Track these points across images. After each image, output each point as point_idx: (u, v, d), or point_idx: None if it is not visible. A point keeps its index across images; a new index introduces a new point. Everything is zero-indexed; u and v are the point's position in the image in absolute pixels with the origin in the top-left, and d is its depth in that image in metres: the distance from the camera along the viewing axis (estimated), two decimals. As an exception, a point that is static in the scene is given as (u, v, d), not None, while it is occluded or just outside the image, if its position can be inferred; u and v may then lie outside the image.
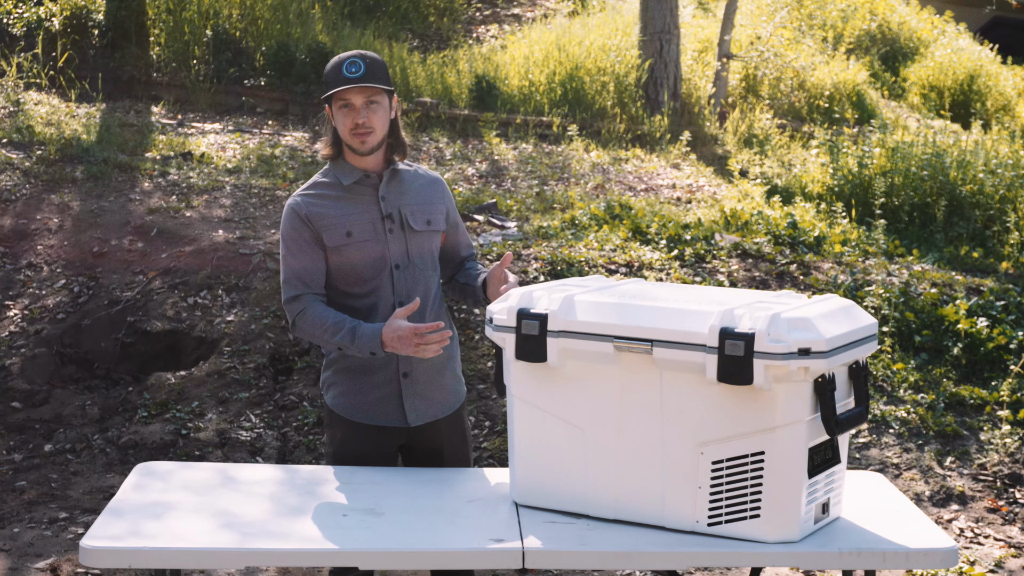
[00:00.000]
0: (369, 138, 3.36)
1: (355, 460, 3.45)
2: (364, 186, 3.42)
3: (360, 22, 11.95)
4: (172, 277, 6.66)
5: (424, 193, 3.49)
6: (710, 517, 2.88)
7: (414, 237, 3.42)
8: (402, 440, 3.49)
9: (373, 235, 3.39)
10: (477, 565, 2.89)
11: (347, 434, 3.47)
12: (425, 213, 3.46)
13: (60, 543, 4.81)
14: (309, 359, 6.11)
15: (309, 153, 9.00)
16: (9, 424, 5.77)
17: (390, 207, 3.42)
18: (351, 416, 3.45)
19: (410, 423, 3.45)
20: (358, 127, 3.33)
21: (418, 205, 3.46)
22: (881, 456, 5.68)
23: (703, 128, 10.80)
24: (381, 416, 3.44)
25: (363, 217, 3.39)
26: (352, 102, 3.33)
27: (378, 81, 3.32)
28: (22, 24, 10.52)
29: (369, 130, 3.34)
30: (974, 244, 8.13)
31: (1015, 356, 6.26)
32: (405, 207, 3.43)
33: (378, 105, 3.35)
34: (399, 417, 3.44)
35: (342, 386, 3.46)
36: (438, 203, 3.51)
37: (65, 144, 8.34)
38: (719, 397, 2.81)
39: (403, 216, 3.42)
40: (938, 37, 14.15)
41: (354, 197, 3.41)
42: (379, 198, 3.41)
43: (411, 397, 3.44)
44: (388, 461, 3.48)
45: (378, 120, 3.36)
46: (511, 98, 10.69)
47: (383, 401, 3.43)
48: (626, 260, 7.00)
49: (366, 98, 3.33)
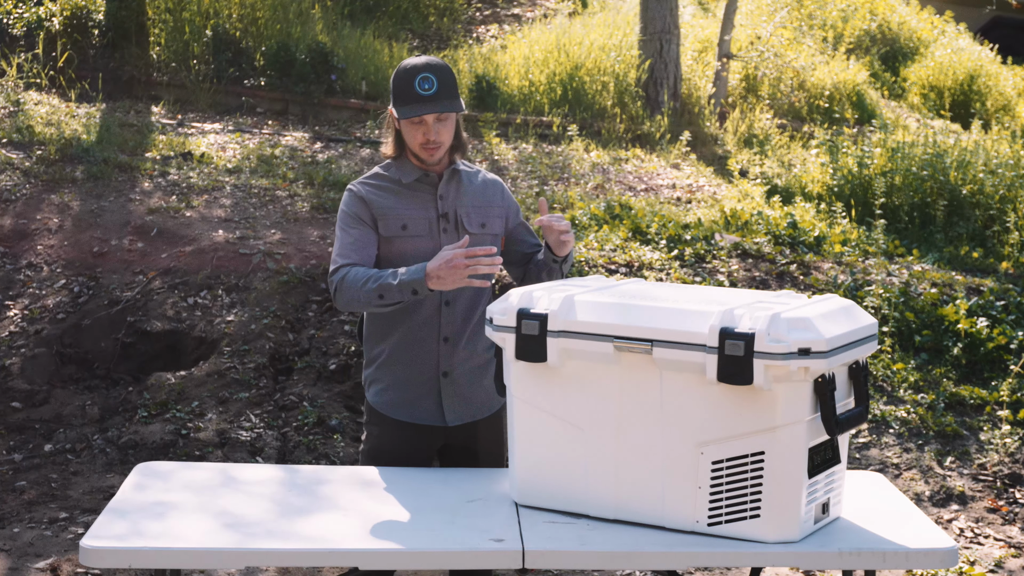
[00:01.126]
0: (438, 151, 3.39)
1: (392, 458, 3.46)
2: (424, 184, 3.46)
3: (360, 22, 11.95)
4: (172, 277, 6.67)
5: (481, 195, 3.51)
6: (710, 517, 2.88)
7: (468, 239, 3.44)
8: (441, 440, 3.51)
9: (427, 231, 3.42)
10: (477, 565, 2.89)
11: (385, 431, 3.49)
12: (480, 216, 3.48)
13: (60, 543, 4.81)
14: (309, 359, 6.11)
15: (309, 153, 9.00)
16: (9, 424, 5.77)
17: (447, 207, 3.45)
18: (391, 413, 3.47)
19: (448, 422, 3.47)
20: (429, 143, 3.36)
21: (474, 207, 3.48)
22: (881, 456, 5.69)
23: (703, 128, 10.80)
24: (420, 414, 3.46)
25: (420, 213, 3.42)
26: (424, 119, 3.35)
27: (451, 98, 3.34)
28: (22, 24, 10.52)
29: (438, 145, 3.38)
30: (974, 244, 8.13)
31: (1015, 356, 6.26)
32: (461, 208, 3.46)
33: (448, 118, 3.38)
34: (438, 416, 3.46)
35: (383, 383, 3.48)
36: (495, 205, 3.53)
37: (65, 144, 8.34)
38: (719, 397, 2.82)
39: (458, 216, 3.45)
40: (938, 37, 14.15)
41: (413, 193, 3.44)
42: (437, 196, 3.45)
43: (450, 397, 3.45)
44: (426, 460, 3.50)
45: (447, 133, 3.39)
46: (511, 98, 10.69)
47: (422, 399, 3.45)
48: (626, 260, 7.00)
49: (438, 114, 3.36)
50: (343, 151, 9.13)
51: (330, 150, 9.17)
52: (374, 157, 8.98)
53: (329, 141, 9.46)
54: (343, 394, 5.95)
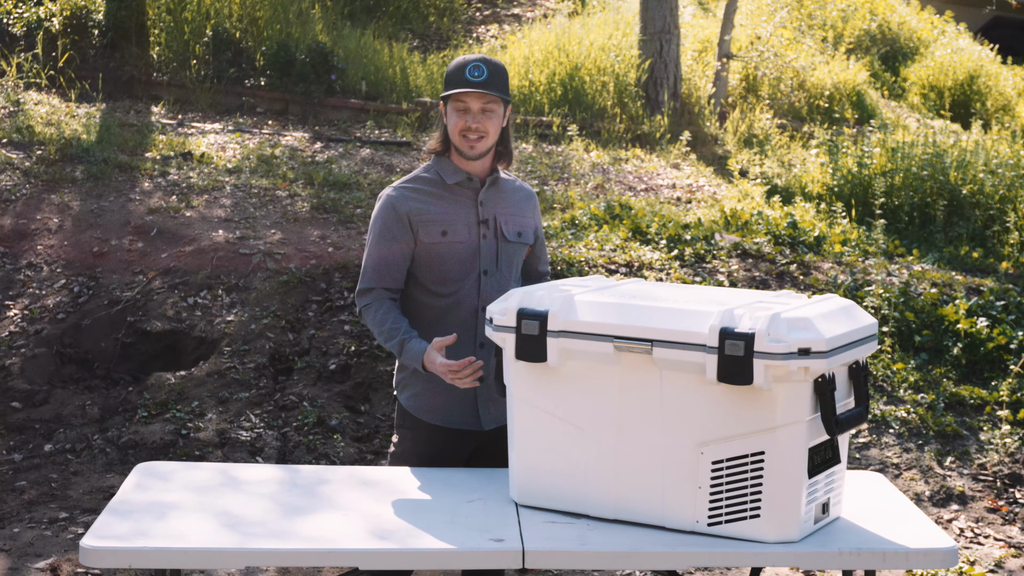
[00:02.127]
0: (479, 143, 3.40)
1: (424, 460, 3.47)
2: (466, 188, 3.46)
3: (360, 22, 11.94)
4: (172, 277, 6.66)
5: (519, 205, 3.55)
6: (710, 517, 2.88)
7: (505, 246, 3.47)
8: (474, 443, 3.52)
9: (467, 237, 3.43)
10: (477, 565, 2.89)
11: (421, 435, 3.50)
12: (518, 224, 3.51)
13: (60, 543, 4.81)
14: (309, 359, 6.11)
15: (309, 153, 9.00)
16: (9, 424, 5.77)
17: (487, 213, 3.46)
18: (426, 417, 3.48)
19: (483, 426, 3.49)
20: (469, 130, 3.37)
21: (512, 215, 3.50)
22: (881, 456, 5.69)
23: (703, 128, 10.80)
24: (456, 419, 3.48)
25: (460, 218, 3.43)
26: (469, 105, 3.36)
27: (498, 89, 3.36)
28: (22, 24, 10.52)
29: (481, 135, 3.38)
30: (974, 244, 8.13)
31: (1015, 356, 6.26)
32: (501, 215, 3.47)
33: (493, 112, 3.39)
34: (473, 420, 3.48)
35: (417, 387, 3.49)
36: (530, 217, 3.57)
37: (65, 144, 8.34)
38: (719, 397, 2.82)
39: (498, 223, 3.46)
40: (938, 37, 14.14)
41: (454, 197, 3.45)
42: (478, 202, 3.45)
43: (485, 400, 3.47)
44: (458, 463, 3.51)
45: (491, 126, 3.40)
46: (511, 98, 10.69)
47: (458, 404, 3.46)
48: (626, 260, 7.00)
49: (483, 103, 3.37)
50: (343, 151, 9.13)
51: (330, 150, 9.16)
52: (374, 157, 8.98)
53: (329, 141, 9.46)
54: (343, 394, 5.95)
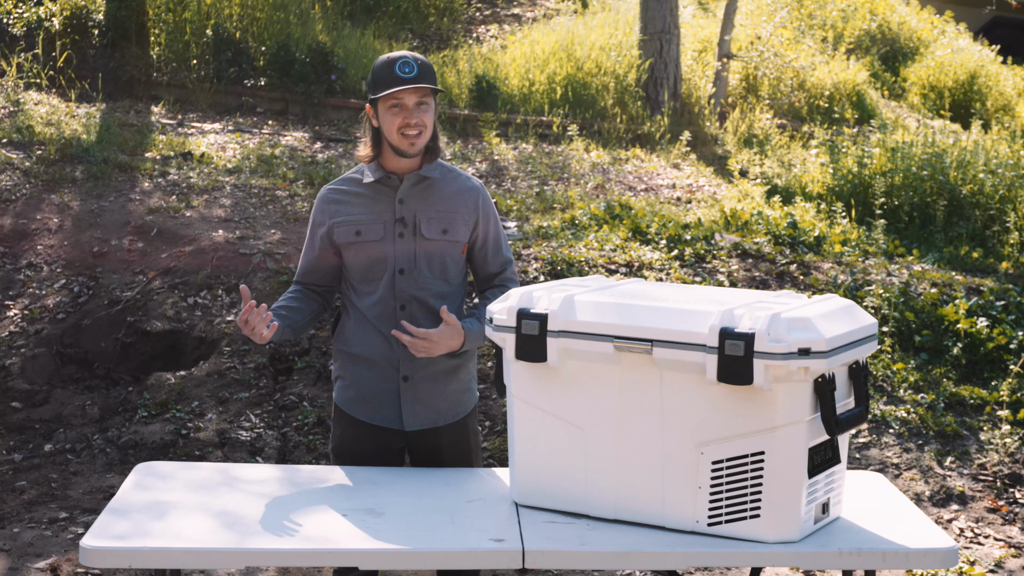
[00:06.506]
0: (419, 139, 3.36)
1: (353, 457, 3.46)
2: (385, 186, 3.43)
3: (360, 22, 11.94)
4: (172, 277, 6.67)
5: (451, 201, 3.44)
6: (710, 517, 2.88)
7: (424, 244, 3.40)
8: (401, 443, 3.49)
9: (382, 236, 3.40)
10: (477, 565, 2.89)
11: (347, 430, 3.50)
12: (443, 222, 3.42)
13: (60, 543, 4.81)
14: (309, 359, 6.11)
15: (309, 153, 9.00)
16: (9, 424, 5.77)
17: (405, 211, 3.41)
18: (351, 411, 3.48)
19: (406, 427, 3.46)
20: (409, 127, 3.33)
21: (437, 212, 3.42)
22: (881, 456, 5.68)
23: (703, 128, 10.80)
24: (379, 416, 3.45)
25: (376, 217, 3.41)
26: (404, 102, 3.32)
27: (431, 83, 3.33)
28: (22, 24, 10.52)
29: (420, 129, 3.34)
30: (974, 244, 8.13)
31: (1015, 356, 6.26)
32: (422, 213, 3.41)
33: (428, 106, 3.36)
34: (396, 420, 3.45)
35: (346, 379, 3.50)
36: (464, 212, 3.45)
37: (65, 144, 8.34)
38: (719, 397, 2.82)
39: (416, 222, 3.40)
40: (938, 37, 14.14)
41: (374, 196, 3.43)
42: (396, 200, 3.42)
43: (410, 401, 3.43)
44: (388, 462, 3.48)
45: (428, 120, 3.37)
46: (511, 98, 10.69)
47: (381, 400, 3.44)
48: (626, 260, 7.00)
49: (419, 98, 3.33)
50: (343, 151, 9.13)
51: (330, 150, 9.17)
52: (374, 157, 8.97)
53: (329, 141, 9.46)
54: (343, 394, 5.95)
